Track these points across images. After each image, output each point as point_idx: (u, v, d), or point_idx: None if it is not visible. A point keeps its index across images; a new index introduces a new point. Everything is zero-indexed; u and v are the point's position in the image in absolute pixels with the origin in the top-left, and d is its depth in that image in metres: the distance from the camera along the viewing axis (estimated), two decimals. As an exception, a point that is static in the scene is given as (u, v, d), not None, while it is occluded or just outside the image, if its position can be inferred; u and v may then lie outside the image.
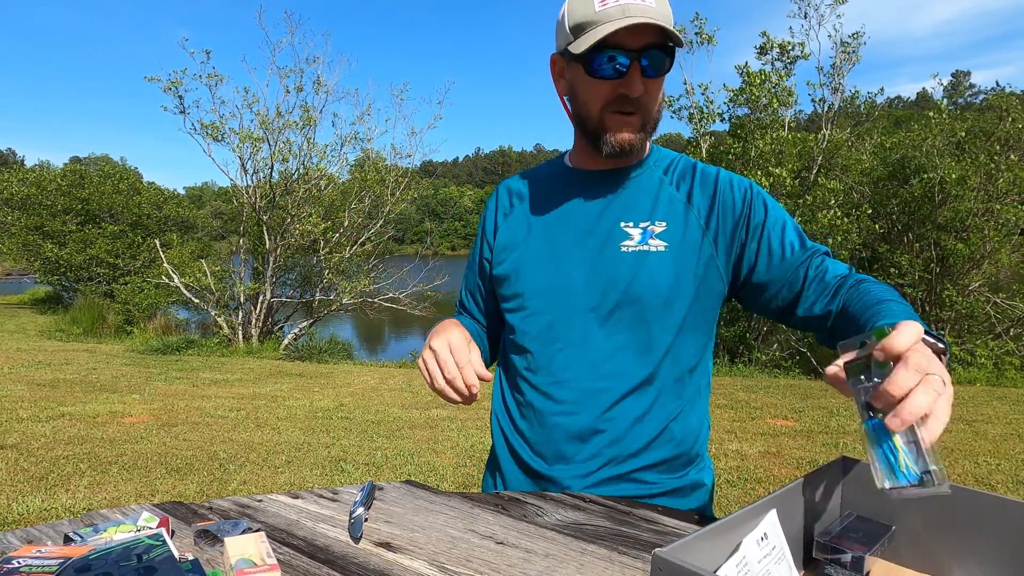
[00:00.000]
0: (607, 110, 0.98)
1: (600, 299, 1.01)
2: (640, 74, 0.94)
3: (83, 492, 3.51)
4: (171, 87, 10.19)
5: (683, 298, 1.00)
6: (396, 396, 6.58)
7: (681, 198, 1.04)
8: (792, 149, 9.62)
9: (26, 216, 15.29)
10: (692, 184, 1.04)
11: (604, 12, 0.91)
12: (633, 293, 0.99)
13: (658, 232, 1.01)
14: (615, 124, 0.98)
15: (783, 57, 10.30)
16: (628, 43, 0.91)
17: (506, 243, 1.13)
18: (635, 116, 0.98)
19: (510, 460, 1.11)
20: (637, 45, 0.92)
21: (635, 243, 1.00)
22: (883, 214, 9.89)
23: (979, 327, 9.37)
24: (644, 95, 0.96)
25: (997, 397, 6.25)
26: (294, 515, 0.93)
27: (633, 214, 1.03)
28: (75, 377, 6.99)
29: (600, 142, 1.00)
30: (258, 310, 11.05)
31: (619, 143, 0.99)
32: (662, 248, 1.00)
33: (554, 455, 1.04)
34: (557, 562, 0.79)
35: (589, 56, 0.93)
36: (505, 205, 1.17)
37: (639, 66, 0.93)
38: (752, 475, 3.92)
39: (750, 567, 0.61)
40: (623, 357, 1.01)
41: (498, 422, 1.15)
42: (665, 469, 1.03)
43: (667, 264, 0.99)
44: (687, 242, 1.00)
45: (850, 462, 0.77)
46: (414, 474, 4.00)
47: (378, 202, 12.33)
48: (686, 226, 1.01)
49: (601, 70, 0.94)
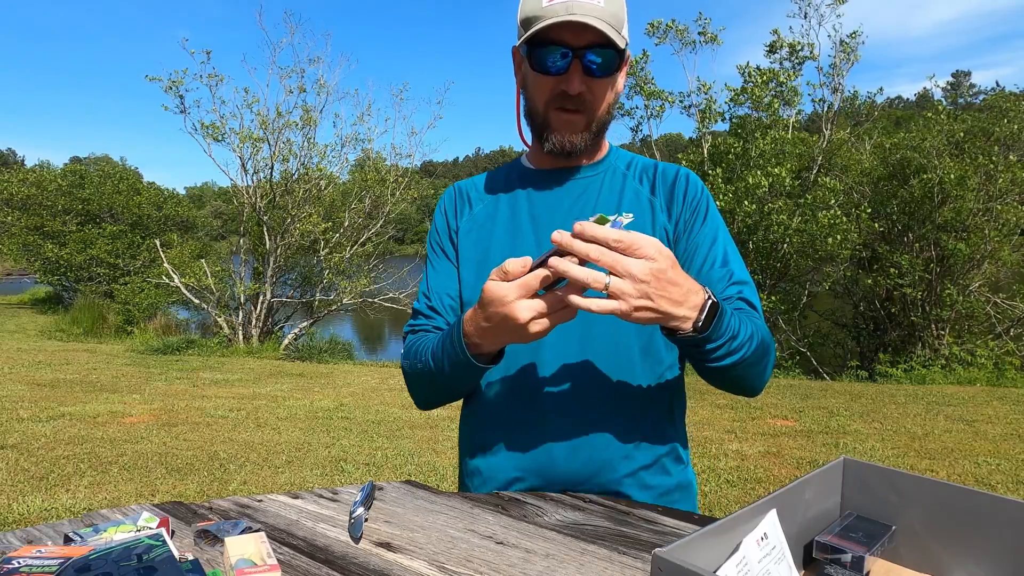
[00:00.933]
0: (551, 106, 0.98)
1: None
2: (581, 71, 0.93)
3: (83, 492, 3.51)
4: (172, 87, 10.21)
5: None
6: (396, 396, 6.58)
7: (645, 191, 1.05)
8: (793, 149, 9.63)
9: (26, 216, 15.30)
10: (655, 178, 1.05)
11: (550, 8, 0.91)
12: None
13: (626, 224, 0.99)
14: (558, 122, 0.99)
15: (792, 57, 10.30)
16: (571, 40, 0.91)
17: (467, 245, 1.08)
18: (579, 115, 0.98)
19: (488, 466, 1.06)
20: (580, 43, 0.92)
21: None
22: (883, 214, 9.89)
23: (979, 327, 9.37)
24: (588, 94, 0.95)
25: (997, 397, 6.25)
26: (294, 515, 0.93)
27: (597, 209, 1.03)
28: (75, 377, 6.99)
29: (543, 139, 1.01)
30: (258, 310, 11.05)
31: (559, 142, 0.99)
32: None
33: (535, 463, 1.01)
34: (557, 562, 0.79)
35: (533, 51, 0.94)
36: (463, 206, 1.12)
37: (580, 64, 0.93)
38: (752, 475, 3.92)
39: (750, 567, 0.61)
40: (602, 359, 0.99)
41: (470, 433, 1.10)
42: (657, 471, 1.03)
43: None
44: (657, 232, 1.01)
45: (850, 462, 0.77)
46: (414, 474, 4.00)
47: (378, 202, 12.34)
48: (653, 216, 1.02)
49: (542, 65, 0.95)
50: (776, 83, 9.92)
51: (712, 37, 10.36)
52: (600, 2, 0.91)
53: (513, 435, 1.03)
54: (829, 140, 10.49)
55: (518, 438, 1.02)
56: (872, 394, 6.44)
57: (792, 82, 10.05)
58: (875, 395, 6.37)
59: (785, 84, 9.93)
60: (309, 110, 10.97)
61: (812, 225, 9.01)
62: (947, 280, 9.36)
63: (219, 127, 10.48)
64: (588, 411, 0.99)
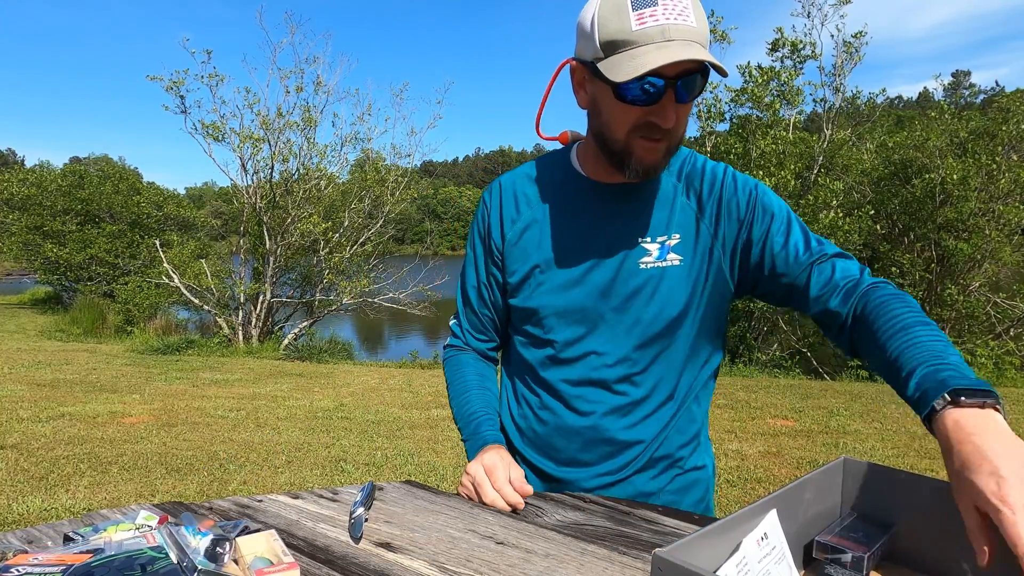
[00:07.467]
0: (634, 135, 0.92)
1: (619, 316, 1.01)
2: (674, 101, 0.88)
3: (83, 492, 3.51)
4: (173, 87, 10.23)
5: (698, 307, 1.01)
6: (396, 396, 6.58)
7: (692, 206, 1.01)
8: (794, 149, 9.62)
9: (26, 216, 15.32)
10: (701, 188, 1.01)
11: (643, 32, 0.83)
12: (654, 309, 0.99)
13: (673, 245, 1.00)
14: (642, 151, 0.93)
15: (793, 55, 10.28)
16: (665, 69, 0.84)
17: (520, 254, 1.08)
18: (662, 142, 0.93)
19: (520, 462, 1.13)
20: (674, 71, 0.85)
21: (653, 259, 0.99)
22: (884, 214, 9.89)
23: (979, 327, 9.38)
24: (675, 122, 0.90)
25: (997, 397, 6.24)
26: (294, 515, 0.93)
27: (651, 229, 1.01)
28: (75, 377, 6.99)
29: (624, 166, 0.95)
30: (258, 310, 11.06)
31: (645, 169, 0.95)
32: (677, 262, 0.99)
33: (568, 460, 1.07)
34: (557, 562, 0.78)
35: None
36: (511, 211, 1.10)
37: (673, 93, 0.87)
38: (752, 475, 3.92)
39: (750, 567, 0.61)
40: (644, 370, 1.02)
41: (505, 427, 1.16)
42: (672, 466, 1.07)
43: (683, 277, 0.99)
44: (700, 252, 1.00)
45: (850, 462, 0.77)
46: (414, 474, 4.00)
47: (378, 202, 12.34)
48: (698, 236, 1.00)
49: (633, 96, 0.87)
50: (777, 82, 9.91)
51: (722, 35, 10.33)
52: (693, 21, 0.84)
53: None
54: (830, 140, 10.49)
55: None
56: (872, 394, 6.44)
57: (794, 81, 10.04)
58: (875, 395, 6.37)
59: (787, 83, 9.92)
60: (309, 110, 10.99)
61: (813, 226, 9.02)
62: (948, 280, 9.37)
63: (219, 127, 10.50)
64: (640, 419, 1.05)
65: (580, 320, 1.03)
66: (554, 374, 1.06)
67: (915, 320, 0.80)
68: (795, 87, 10.08)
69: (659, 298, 0.99)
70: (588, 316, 1.02)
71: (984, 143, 9.51)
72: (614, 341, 1.02)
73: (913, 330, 0.78)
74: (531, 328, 1.09)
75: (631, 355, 1.01)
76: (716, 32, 10.38)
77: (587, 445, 1.04)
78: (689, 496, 1.08)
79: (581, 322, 1.03)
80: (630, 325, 1.01)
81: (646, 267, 0.99)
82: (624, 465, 1.04)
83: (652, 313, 1.00)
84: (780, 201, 1.01)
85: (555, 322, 1.05)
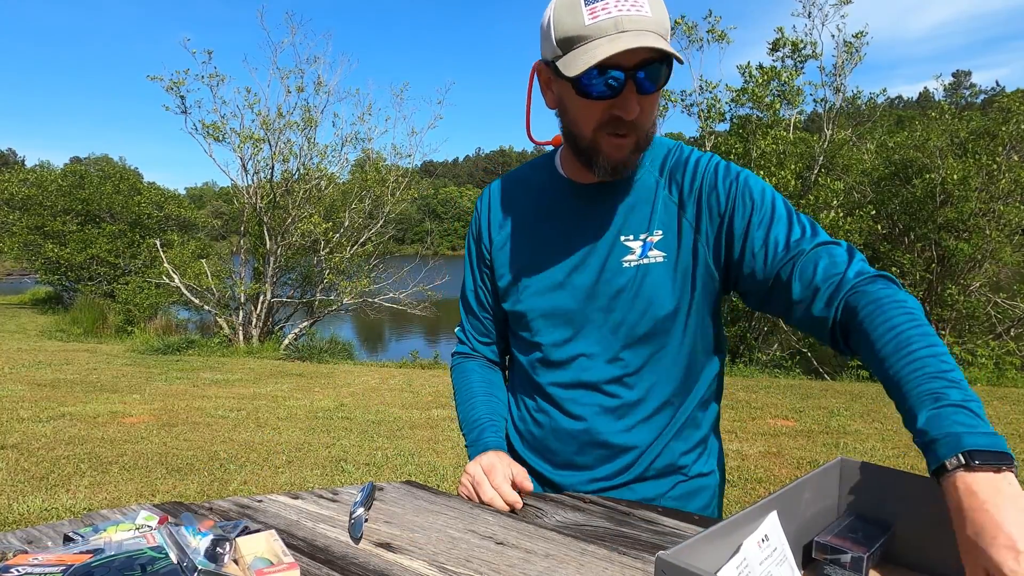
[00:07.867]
0: (600, 132, 0.91)
1: (606, 317, 1.00)
2: (636, 91, 0.87)
3: (83, 492, 3.51)
4: (173, 87, 10.23)
5: (688, 306, 0.99)
6: (396, 396, 6.58)
7: (674, 200, 0.99)
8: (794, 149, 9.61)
9: (27, 216, 15.32)
10: (683, 181, 0.98)
11: (596, 26, 0.83)
12: (639, 308, 0.98)
13: (656, 242, 0.98)
14: (609, 148, 0.92)
15: (794, 55, 10.27)
16: (622, 60, 0.83)
17: (506, 259, 1.10)
18: (630, 137, 0.92)
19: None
20: (632, 61, 0.84)
21: (636, 257, 0.98)
22: (884, 214, 9.89)
23: (980, 327, 9.38)
24: (639, 113, 0.89)
25: (998, 397, 6.24)
26: (294, 515, 0.93)
27: (632, 227, 0.99)
28: (76, 377, 6.99)
29: (593, 164, 0.95)
30: (258, 310, 11.06)
31: (613, 166, 0.94)
32: (660, 259, 0.98)
33: (565, 463, 1.07)
34: (557, 562, 0.78)
35: (579, 75, 0.85)
36: (498, 216, 1.12)
37: (634, 84, 0.86)
38: (752, 475, 3.92)
39: (751, 569, 0.61)
40: (637, 372, 1.01)
41: (508, 431, 1.17)
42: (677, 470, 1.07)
43: (667, 274, 0.97)
44: (683, 248, 0.98)
45: (847, 462, 0.77)
46: (414, 474, 4.00)
47: (378, 202, 12.34)
48: (680, 232, 0.98)
49: (593, 89, 0.87)
50: (778, 82, 9.90)
51: (721, 35, 10.31)
52: (648, 11, 0.84)
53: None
54: (831, 140, 10.49)
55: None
56: (872, 394, 6.43)
57: (794, 81, 10.04)
58: (875, 395, 6.37)
59: (787, 83, 9.91)
60: (310, 110, 10.99)
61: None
62: (948, 280, 9.37)
63: (220, 127, 10.50)
64: (634, 423, 1.04)
65: (567, 322, 1.03)
66: (546, 377, 1.06)
67: (910, 326, 0.75)
68: (795, 87, 10.06)
69: (643, 297, 0.98)
70: (574, 318, 1.02)
71: (984, 143, 9.51)
72: (602, 343, 1.01)
73: (911, 346, 0.73)
74: (522, 332, 1.09)
75: (620, 356, 1.00)
76: (715, 31, 10.38)
77: (583, 448, 1.04)
78: (692, 503, 1.06)
79: (568, 324, 1.03)
80: (616, 325, 1.00)
81: (629, 265, 0.98)
82: (621, 470, 1.02)
83: (638, 312, 0.98)
84: (768, 189, 0.96)
85: (542, 325, 1.05)
